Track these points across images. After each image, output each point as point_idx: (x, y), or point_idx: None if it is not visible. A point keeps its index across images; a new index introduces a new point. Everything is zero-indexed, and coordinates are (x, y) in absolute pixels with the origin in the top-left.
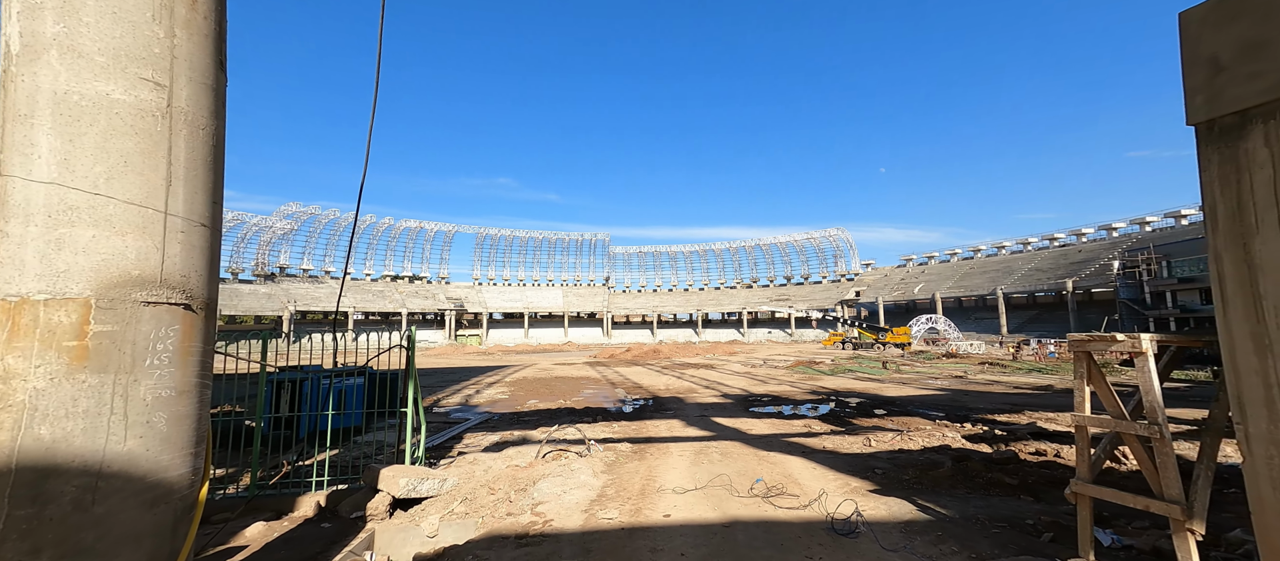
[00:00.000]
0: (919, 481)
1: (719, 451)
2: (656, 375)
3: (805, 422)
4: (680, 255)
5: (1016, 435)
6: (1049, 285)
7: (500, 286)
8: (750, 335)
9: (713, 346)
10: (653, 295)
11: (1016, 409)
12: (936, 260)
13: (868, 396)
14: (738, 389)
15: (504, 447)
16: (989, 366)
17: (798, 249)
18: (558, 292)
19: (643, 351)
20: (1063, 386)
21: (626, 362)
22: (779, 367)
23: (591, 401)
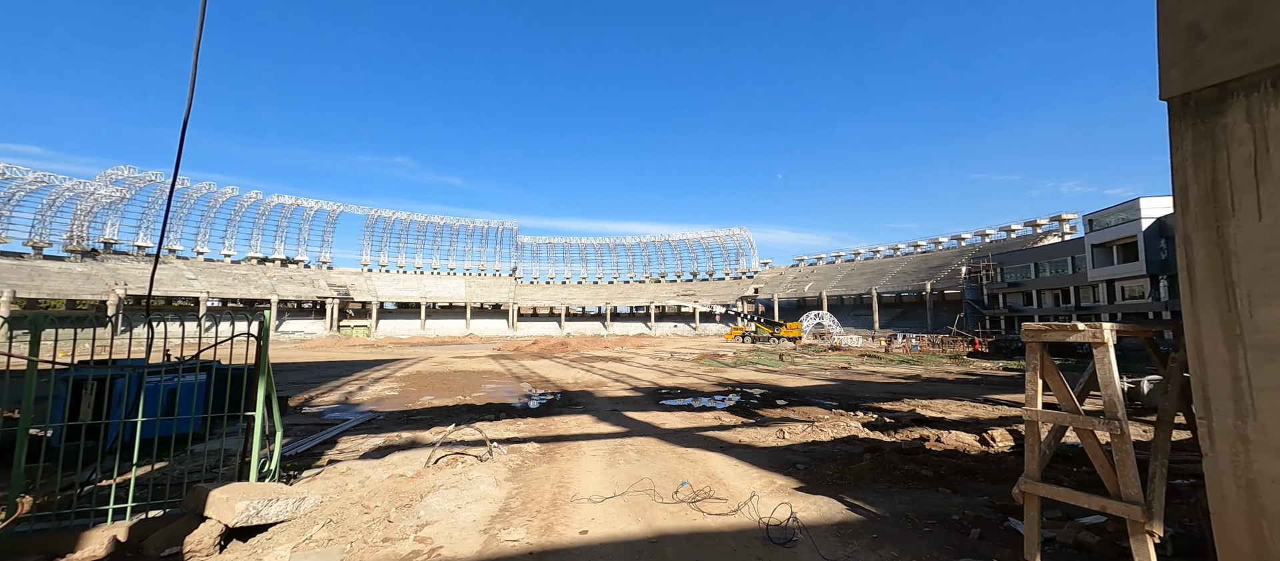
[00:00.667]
0: (842, 477)
1: (635, 449)
2: (565, 368)
3: (716, 415)
4: (589, 248)
5: (902, 422)
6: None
7: (394, 274)
8: (657, 329)
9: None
10: (561, 287)
11: (896, 397)
12: (824, 262)
13: (769, 387)
14: (648, 381)
15: (387, 453)
16: (867, 358)
17: (703, 246)
18: (459, 282)
19: (550, 344)
20: (928, 376)
21: (533, 356)
22: (686, 360)
23: (495, 397)
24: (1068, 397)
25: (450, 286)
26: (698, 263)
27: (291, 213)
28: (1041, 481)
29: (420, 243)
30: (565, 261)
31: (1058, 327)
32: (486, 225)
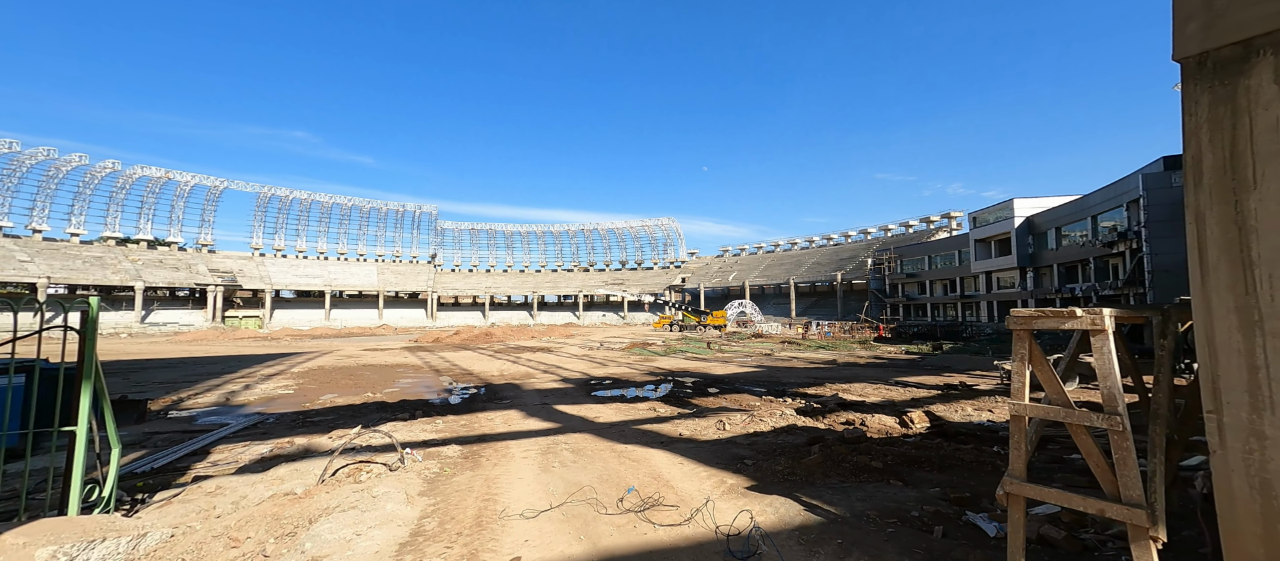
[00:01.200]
0: (793, 473)
1: (570, 448)
2: (489, 360)
3: (650, 405)
4: (516, 235)
5: (828, 407)
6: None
7: (293, 260)
8: (586, 318)
9: (549, 329)
10: (485, 275)
11: (818, 382)
12: (747, 253)
13: (700, 375)
14: (577, 372)
15: (273, 465)
16: (788, 345)
17: (632, 235)
18: (371, 269)
19: (473, 334)
20: (843, 361)
21: (454, 346)
22: (616, 349)
23: (410, 393)
24: (1059, 390)
25: (360, 273)
26: (626, 252)
27: (160, 187)
28: (1027, 481)
29: (324, 226)
30: (489, 249)
31: (1050, 314)
32: (402, 208)
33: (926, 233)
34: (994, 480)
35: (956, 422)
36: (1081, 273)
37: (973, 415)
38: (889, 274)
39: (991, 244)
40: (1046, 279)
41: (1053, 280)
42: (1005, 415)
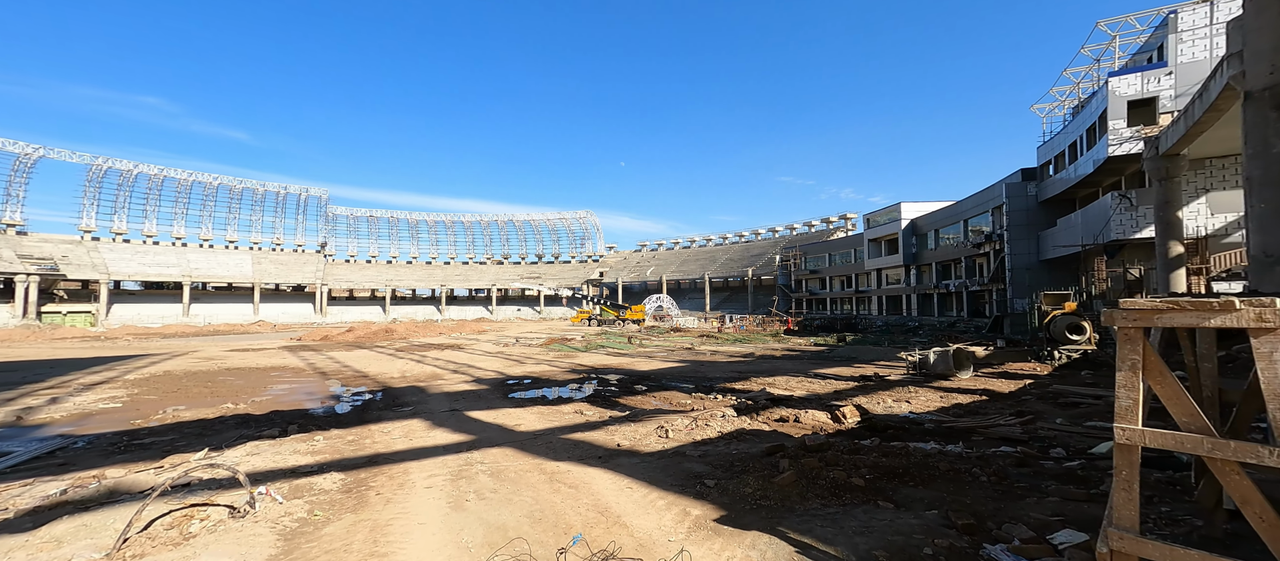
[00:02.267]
0: (765, 496)
1: (488, 469)
2: (389, 359)
3: (576, 408)
4: (422, 224)
5: (759, 403)
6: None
7: (139, 246)
8: (499, 313)
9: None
10: (386, 267)
11: (743, 376)
12: (664, 248)
13: (625, 372)
14: (492, 371)
15: (53, 518)
16: (706, 338)
17: (549, 228)
18: (245, 258)
19: (370, 332)
20: (760, 354)
21: (347, 345)
22: (533, 345)
23: (285, 401)
24: (1192, 411)
25: (230, 263)
26: (543, 245)
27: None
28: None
29: (182, 207)
30: (392, 238)
31: (1190, 306)
32: (284, 190)
33: (826, 232)
34: (984, 496)
35: (883, 415)
36: (953, 270)
37: (893, 406)
38: (795, 270)
39: (882, 243)
40: (927, 275)
41: (932, 276)
42: (923, 405)
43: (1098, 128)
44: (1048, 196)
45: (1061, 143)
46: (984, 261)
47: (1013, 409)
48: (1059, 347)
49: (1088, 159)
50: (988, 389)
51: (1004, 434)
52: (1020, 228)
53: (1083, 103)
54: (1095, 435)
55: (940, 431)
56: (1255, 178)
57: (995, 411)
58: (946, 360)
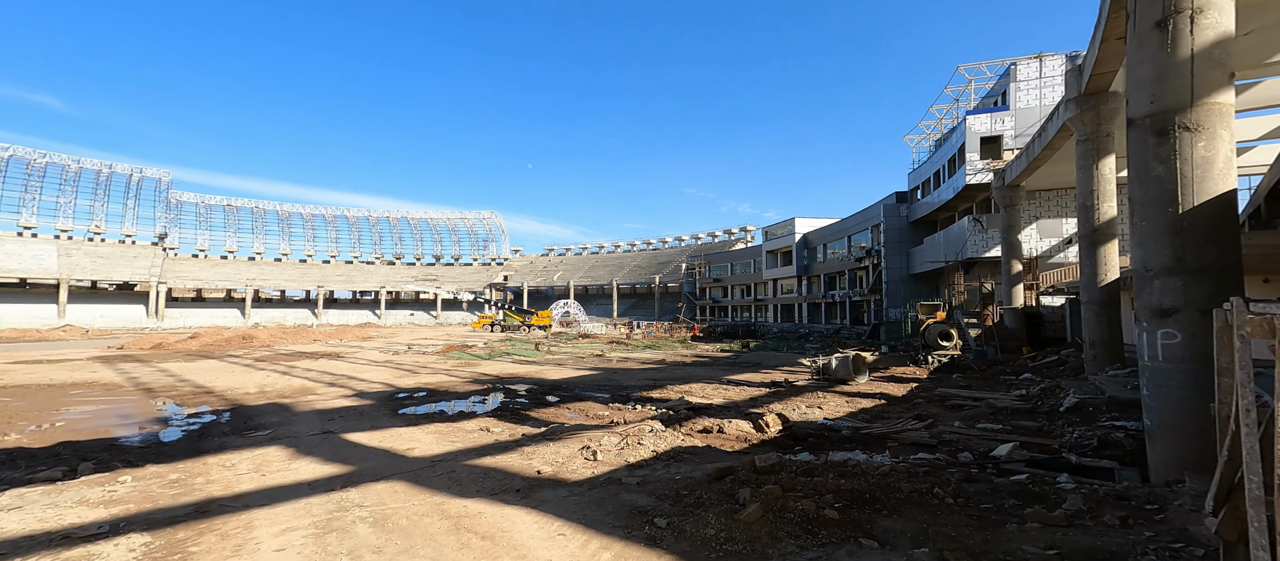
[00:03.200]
0: (730, 538)
1: (370, 514)
2: (245, 371)
3: (481, 424)
4: (297, 216)
5: (680, 413)
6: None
7: None
8: (389, 318)
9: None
10: (248, 264)
11: (658, 384)
12: (572, 253)
13: (534, 381)
14: (378, 383)
15: None
16: (616, 345)
17: (449, 228)
18: (48, 249)
19: (222, 338)
20: (671, 360)
21: (188, 355)
22: (428, 353)
23: (82, 428)
24: None
25: (24, 253)
26: (442, 246)
27: None
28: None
29: None
30: (257, 232)
31: None
32: (108, 169)
33: (729, 243)
34: (963, 524)
35: (802, 423)
36: (839, 281)
37: (807, 412)
38: (699, 279)
39: (778, 255)
40: (816, 286)
41: (821, 287)
42: (833, 411)
43: (957, 159)
44: (916, 217)
45: (927, 171)
46: (864, 274)
47: (911, 412)
48: (932, 353)
49: (949, 186)
50: (883, 393)
51: (915, 439)
52: (894, 244)
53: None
54: (990, 437)
55: (858, 438)
56: (1137, 197)
57: (897, 415)
58: (846, 366)
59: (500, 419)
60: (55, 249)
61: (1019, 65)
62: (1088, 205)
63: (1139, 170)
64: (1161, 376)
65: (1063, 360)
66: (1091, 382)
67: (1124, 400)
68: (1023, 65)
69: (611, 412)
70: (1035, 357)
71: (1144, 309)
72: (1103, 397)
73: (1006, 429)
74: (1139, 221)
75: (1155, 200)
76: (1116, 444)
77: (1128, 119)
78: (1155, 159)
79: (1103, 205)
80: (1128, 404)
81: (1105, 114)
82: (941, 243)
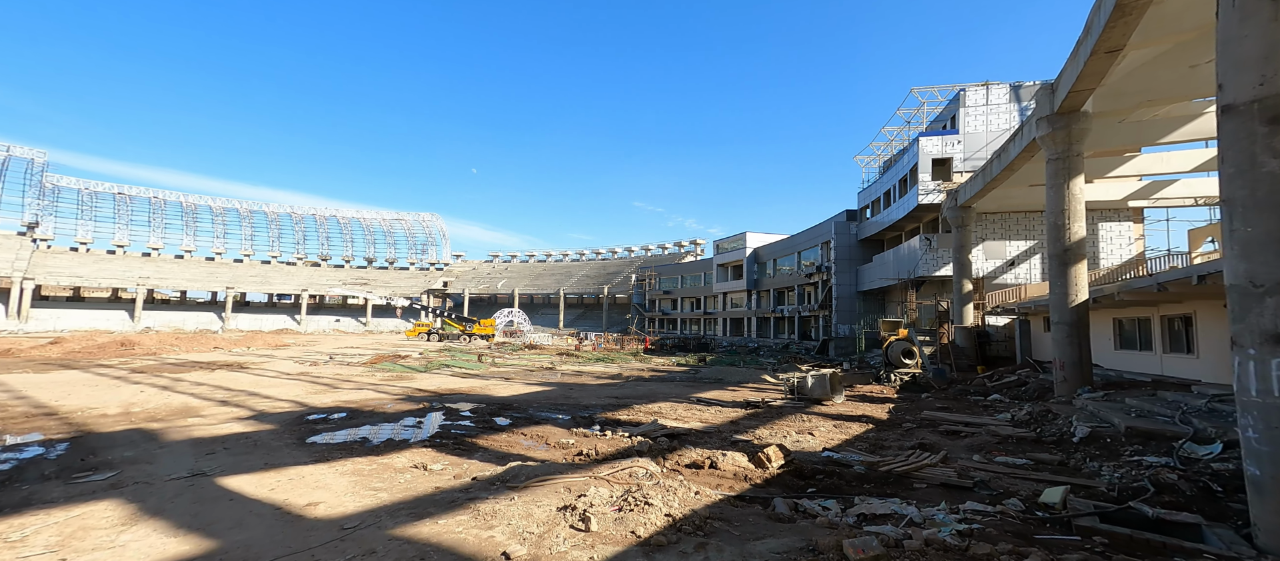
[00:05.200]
0: None
1: None
2: (114, 385)
3: (415, 457)
4: (204, 209)
5: (660, 443)
6: (592, 289)
7: None
8: (311, 324)
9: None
10: (142, 260)
11: (621, 403)
12: (518, 260)
13: (479, 398)
14: (287, 400)
15: None
16: (565, 357)
17: (384, 229)
18: None
19: (92, 345)
20: (629, 375)
21: (42, 364)
22: (354, 365)
23: None
24: None
25: None
26: (375, 248)
27: None
28: None
29: None
30: (154, 226)
31: None
32: None
33: (679, 255)
34: None
35: (804, 455)
36: (787, 296)
37: (800, 440)
38: (649, 290)
39: (729, 269)
40: (766, 300)
41: (770, 302)
42: (827, 438)
43: (909, 179)
44: (865, 236)
45: (877, 190)
46: (813, 289)
47: (908, 440)
48: (895, 371)
49: (899, 205)
50: (865, 415)
51: (941, 478)
52: (844, 261)
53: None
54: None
55: (876, 477)
56: (1238, 199)
57: (894, 443)
58: (823, 385)
59: (441, 450)
60: None
61: (968, 91)
62: (1058, 225)
63: (1241, 166)
64: (1277, 416)
65: (1022, 381)
66: (1088, 409)
67: (1144, 431)
68: (972, 91)
69: (577, 440)
70: (992, 377)
71: (1251, 333)
72: (1113, 427)
73: (1030, 464)
74: (1242, 227)
75: (1266, 201)
76: (1172, 488)
77: (1221, 107)
78: (1266, 151)
79: (1073, 225)
80: (1149, 435)
81: (1076, 133)
82: (892, 261)
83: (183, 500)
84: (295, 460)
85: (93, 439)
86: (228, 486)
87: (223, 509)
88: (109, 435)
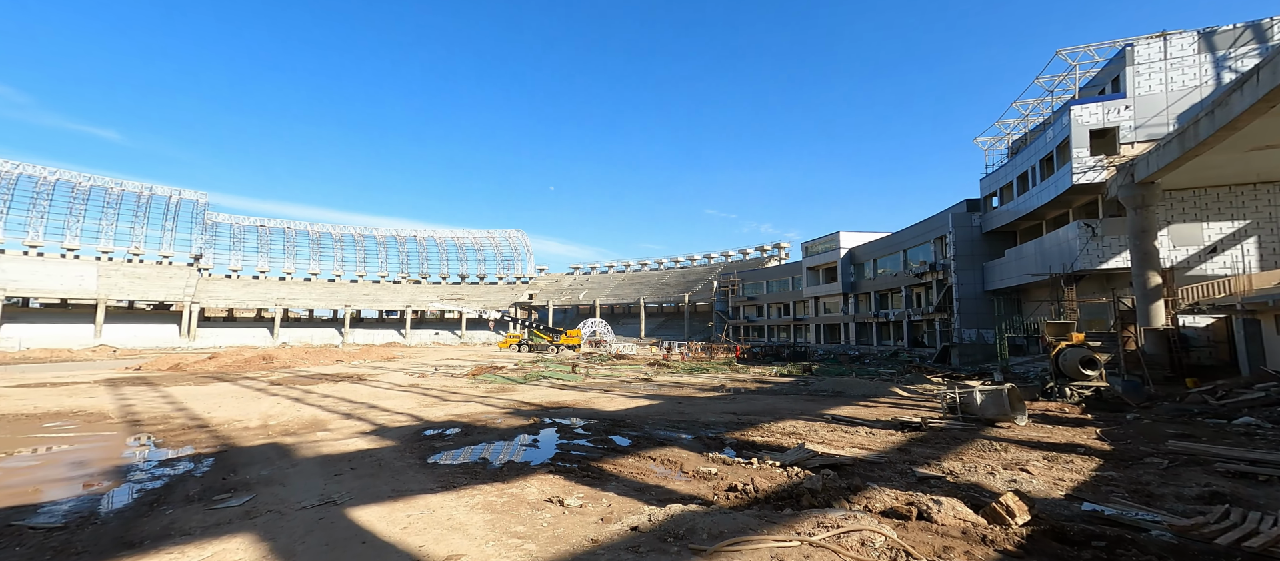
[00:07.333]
0: None
1: None
2: (255, 398)
3: (544, 487)
4: (326, 237)
5: (826, 481)
6: (672, 297)
7: None
8: (414, 337)
9: (364, 350)
10: (278, 284)
11: (745, 420)
12: (598, 271)
13: (587, 413)
14: (403, 414)
15: None
16: (657, 367)
17: (475, 247)
18: (88, 270)
19: (241, 359)
20: (732, 386)
21: (202, 377)
22: (457, 376)
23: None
24: None
25: (66, 275)
26: (467, 265)
27: None
28: None
29: (3, 205)
30: (287, 253)
31: None
32: (148, 192)
33: (761, 260)
34: None
35: (1055, 507)
36: (891, 299)
37: (1016, 479)
38: (732, 297)
39: (820, 272)
40: (864, 304)
41: (870, 305)
42: (1054, 476)
43: (1055, 157)
44: (992, 227)
45: (1007, 174)
46: (923, 291)
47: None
48: (1070, 384)
49: (1044, 188)
50: (1074, 442)
51: None
52: (965, 258)
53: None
54: None
55: (1192, 552)
56: None
57: (1163, 488)
58: (1000, 402)
59: (569, 477)
60: (95, 270)
61: (1137, 45)
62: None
63: None
64: None
65: (1274, 398)
66: None
67: None
68: (1143, 45)
69: (718, 468)
70: (1215, 392)
71: None
72: None
73: None
74: None
75: None
76: None
77: None
78: None
79: None
80: None
81: None
82: (1033, 254)
83: (314, 539)
84: (422, 487)
85: (234, 454)
86: (358, 522)
87: (354, 555)
88: (248, 450)
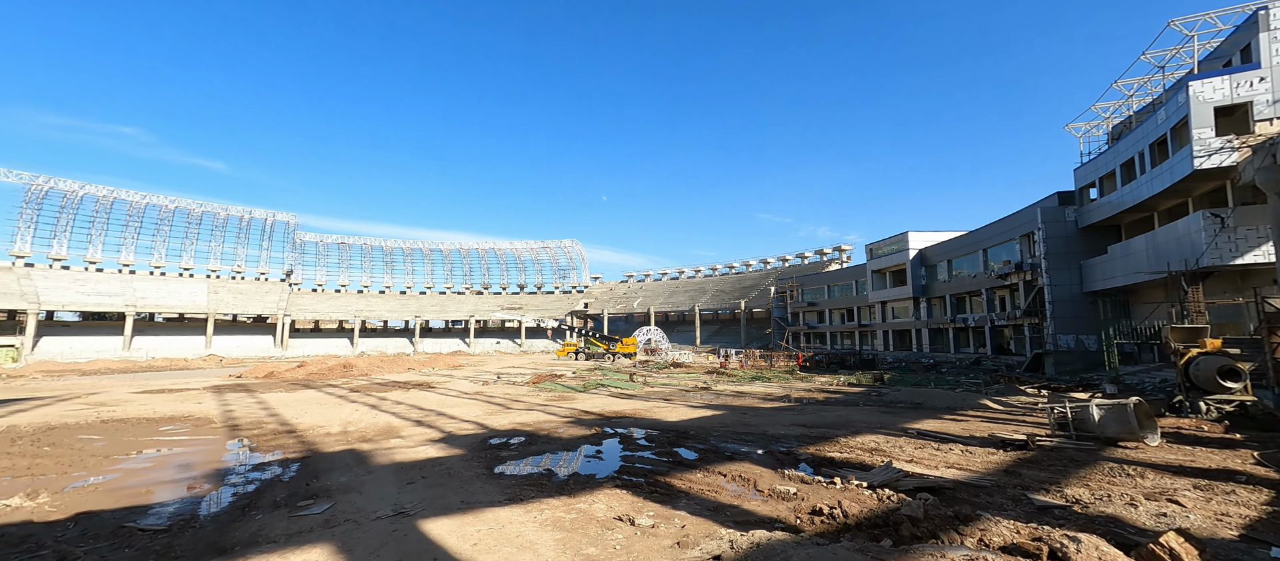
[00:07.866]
0: None
1: None
2: (336, 404)
3: (612, 503)
4: (397, 251)
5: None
6: (728, 304)
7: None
8: (477, 346)
9: (432, 359)
10: (356, 297)
11: (818, 433)
12: (651, 279)
13: (648, 423)
14: (469, 421)
15: None
16: (716, 375)
17: (532, 258)
18: (200, 286)
19: (324, 368)
20: (797, 395)
21: (292, 384)
22: (518, 384)
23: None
24: None
25: (182, 292)
26: (525, 275)
27: None
28: None
29: (133, 232)
30: (363, 268)
31: None
32: (248, 216)
33: (820, 264)
34: None
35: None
36: (969, 303)
37: (1166, 511)
38: (790, 302)
39: (887, 275)
40: (938, 309)
41: (945, 310)
42: (1213, 512)
43: (1170, 140)
44: (1089, 222)
45: (1109, 162)
46: (1007, 293)
47: None
48: (1205, 397)
49: (1156, 176)
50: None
51: None
52: (1058, 256)
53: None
54: None
55: None
56: None
57: None
58: (1125, 419)
59: (636, 492)
60: (205, 287)
61: (1273, 9)
62: None
63: None
64: None
65: None
66: None
67: None
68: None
69: (796, 487)
70: None
71: None
72: None
73: None
74: None
75: None
76: None
77: None
78: None
79: None
80: None
81: None
82: (1144, 250)
83: (387, 553)
84: (489, 499)
85: (317, 459)
86: (430, 535)
87: None
88: (329, 456)
